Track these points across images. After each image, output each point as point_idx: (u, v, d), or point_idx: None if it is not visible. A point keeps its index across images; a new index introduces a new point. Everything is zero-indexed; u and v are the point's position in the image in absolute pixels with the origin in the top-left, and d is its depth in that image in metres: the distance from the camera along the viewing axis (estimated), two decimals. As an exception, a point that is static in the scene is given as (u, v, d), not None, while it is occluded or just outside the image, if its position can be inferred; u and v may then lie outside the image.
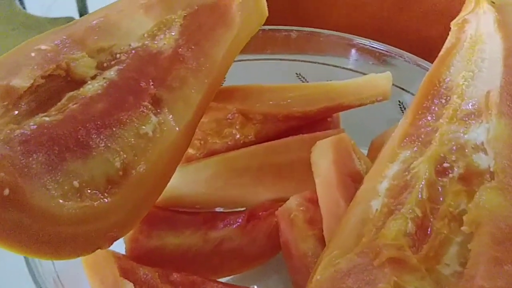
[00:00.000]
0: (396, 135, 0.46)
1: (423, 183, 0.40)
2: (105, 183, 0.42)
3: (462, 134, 0.44)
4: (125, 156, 0.44)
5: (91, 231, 0.40)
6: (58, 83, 0.47)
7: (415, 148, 0.44)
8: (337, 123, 0.62)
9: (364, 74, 0.62)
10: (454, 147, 0.43)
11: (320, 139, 0.55)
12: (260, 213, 0.55)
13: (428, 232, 0.37)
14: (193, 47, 0.54)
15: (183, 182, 0.54)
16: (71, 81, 0.47)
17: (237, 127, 0.59)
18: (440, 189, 0.40)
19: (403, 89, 0.62)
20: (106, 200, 0.42)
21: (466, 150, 0.42)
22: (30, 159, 0.38)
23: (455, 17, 0.53)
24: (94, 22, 0.50)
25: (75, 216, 0.39)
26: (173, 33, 0.53)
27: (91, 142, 0.43)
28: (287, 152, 0.56)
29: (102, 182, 0.42)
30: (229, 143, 0.59)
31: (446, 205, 0.38)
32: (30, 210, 0.36)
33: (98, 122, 0.44)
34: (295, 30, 0.65)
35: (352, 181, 0.50)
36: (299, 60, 0.66)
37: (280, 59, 0.66)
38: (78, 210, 0.39)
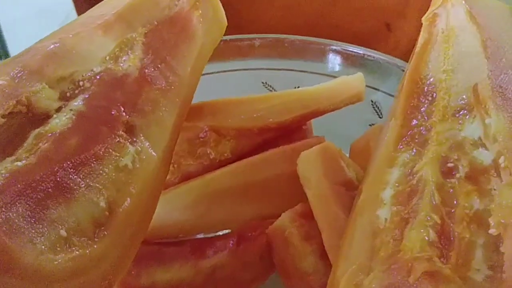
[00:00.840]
0: (390, 138, 0.45)
1: (432, 187, 0.38)
2: (93, 227, 0.38)
3: (458, 131, 0.43)
4: (108, 193, 0.40)
5: (87, 282, 0.36)
6: (19, 120, 0.42)
7: (413, 150, 0.43)
8: (311, 130, 0.60)
9: (333, 77, 0.60)
10: (453, 146, 0.42)
11: (301, 150, 0.53)
12: (249, 234, 0.52)
13: (452, 238, 0.35)
14: (159, 65, 0.50)
15: (164, 212, 0.50)
16: (32, 116, 0.43)
17: (211, 145, 0.56)
18: (451, 191, 0.38)
19: (374, 88, 0.61)
20: (96, 246, 0.38)
21: (466, 147, 0.41)
22: (10, 213, 0.33)
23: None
24: (49, 48, 0.45)
25: (68, 270, 0.35)
26: (136, 53, 0.49)
27: (71, 184, 0.38)
28: (270, 166, 0.54)
29: (89, 227, 0.38)
30: (204, 163, 0.56)
31: (461, 207, 0.37)
32: (23, 272, 0.31)
33: (75, 160, 0.39)
34: (258, 38, 0.62)
35: (345, 190, 0.48)
36: (264, 69, 0.64)
37: (244, 69, 0.63)
38: (70, 263, 0.35)
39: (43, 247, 0.34)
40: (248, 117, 0.56)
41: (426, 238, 0.35)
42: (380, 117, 0.62)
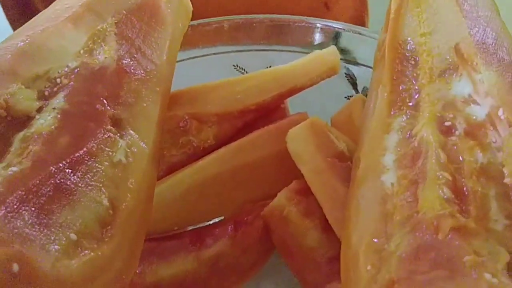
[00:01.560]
0: (381, 105, 0.45)
1: (436, 146, 0.39)
2: (99, 228, 0.36)
3: (447, 91, 0.43)
4: (108, 191, 0.38)
5: (104, 284, 0.34)
6: (-1, 125, 0.39)
7: (408, 114, 0.43)
8: (288, 108, 0.60)
9: (305, 53, 0.60)
10: (446, 105, 0.42)
11: (286, 128, 0.53)
12: (245, 219, 0.51)
13: (466, 193, 0.36)
14: (135, 55, 0.48)
15: (157, 206, 0.48)
16: (12, 120, 0.40)
17: (193, 133, 0.54)
18: (454, 148, 0.39)
19: (346, 60, 0.61)
20: (106, 247, 0.36)
21: (458, 105, 0.42)
22: (18, 221, 0.31)
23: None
24: (19, 46, 0.43)
25: (84, 274, 0.33)
26: (110, 44, 0.47)
27: (71, 184, 0.36)
28: (256, 148, 0.53)
29: (96, 227, 0.36)
30: (188, 152, 0.54)
31: (467, 162, 0.38)
32: (44, 282, 0.29)
33: (70, 160, 0.37)
34: (226, 20, 0.61)
35: (339, 162, 0.48)
36: (234, 51, 0.62)
37: (214, 54, 0.62)
38: (85, 267, 0.33)
39: (57, 253, 0.31)
40: (227, 101, 0.55)
41: (443, 196, 0.35)
42: (355, 89, 0.62)
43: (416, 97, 0.44)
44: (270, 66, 0.63)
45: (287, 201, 0.48)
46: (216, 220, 0.53)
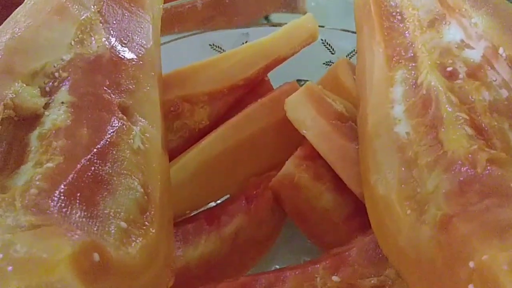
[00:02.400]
0: (379, 62, 0.46)
1: (443, 90, 0.41)
2: (140, 214, 0.35)
3: (440, 39, 0.45)
4: (138, 178, 0.37)
5: (157, 270, 0.34)
6: (7, 127, 0.37)
7: (408, 66, 0.45)
8: (269, 81, 0.60)
9: (278, 25, 0.60)
10: (442, 52, 0.44)
11: (279, 98, 0.53)
12: (254, 192, 0.51)
13: (486, 129, 0.38)
14: (125, 42, 0.47)
15: (168, 192, 0.48)
16: (19, 120, 0.38)
17: (186, 116, 0.53)
18: (462, 90, 0.41)
19: (320, 26, 0.62)
20: (151, 232, 0.35)
21: (454, 51, 0.44)
22: (73, 215, 0.30)
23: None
24: (8, 44, 0.41)
25: (142, 260, 0.32)
26: (100, 33, 0.45)
27: (105, 175, 0.35)
28: (254, 121, 0.53)
29: (138, 214, 0.35)
30: (184, 136, 0.54)
31: (478, 101, 0.40)
32: (117, 270, 0.28)
33: (97, 151, 0.36)
34: (199, 0, 0.60)
35: (341, 123, 0.49)
36: (209, 30, 0.62)
37: (190, 35, 0.61)
38: (141, 253, 0.32)
39: (116, 242, 0.31)
40: (216, 79, 0.54)
41: (466, 134, 0.37)
42: (332, 53, 0.63)
43: (411, 49, 0.46)
44: (246, 42, 0.63)
45: (296, 168, 0.49)
46: (223, 199, 0.54)
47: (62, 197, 0.30)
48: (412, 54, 0.45)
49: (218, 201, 0.53)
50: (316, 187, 0.49)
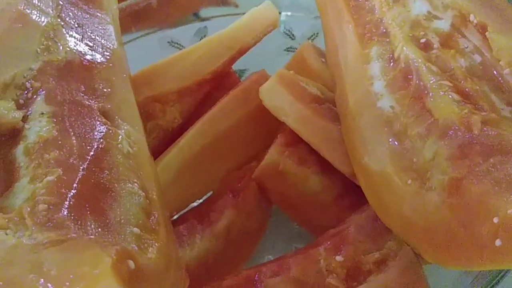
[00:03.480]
0: (352, 41, 0.46)
1: (422, 61, 0.42)
2: (146, 218, 0.34)
3: (408, 13, 0.46)
4: (136, 182, 0.36)
5: (175, 272, 0.32)
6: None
7: (382, 42, 0.45)
8: (234, 72, 0.60)
9: (236, 14, 0.60)
10: (413, 25, 0.45)
11: (250, 88, 0.53)
12: (239, 185, 0.50)
13: (471, 93, 0.39)
14: (91, 45, 0.45)
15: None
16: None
17: (158, 116, 0.52)
18: (440, 59, 0.42)
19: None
20: (161, 235, 0.34)
21: (423, 23, 0.45)
22: (88, 226, 0.28)
23: None
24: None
25: (161, 264, 0.31)
26: (64, 38, 0.43)
27: (106, 182, 0.33)
28: (229, 114, 0.52)
29: (144, 218, 0.34)
30: (159, 136, 0.52)
31: (457, 68, 0.41)
32: (148, 276, 0.27)
33: (91, 159, 0.34)
34: None
35: (319, 105, 0.49)
36: (166, 28, 0.60)
37: (147, 33, 0.59)
38: (159, 257, 0.31)
39: (136, 249, 0.29)
40: (184, 76, 0.53)
41: (454, 100, 0.38)
42: (292, 39, 0.63)
43: (381, 25, 0.46)
44: (204, 36, 0.62)
45: (280, 155, 0.49)
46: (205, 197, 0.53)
47: (73, 210, 0.29)
48: (383, 30, 0.46)
49: (201, 200, 0.52)
50: (302, 172, 0.49)
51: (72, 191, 0.30)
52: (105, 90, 0.42)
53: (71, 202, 0.29)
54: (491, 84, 0.40)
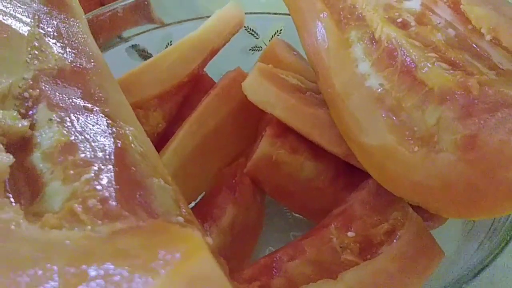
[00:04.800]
0: (330, 28, 0.48)
1: (404, 38, 0.44)
2: (180, 210, 0.34)
3: (377, -4, 0.49)
4: (158, 178, 0.35)
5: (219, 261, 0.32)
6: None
7: (358, 26, 0.47)
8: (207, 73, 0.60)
9: (200, 19, 0.60)
10: (386, 8, 0.47)
11: (229, 86, 0.54)
12: (233, 181, 0.51)
13: (457, 62, 0.42)
14: (76, 52, 0.44)
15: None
16: (10, 146, 0.34)
17: (142, 122, 0.51)
18: (420, 35, 0.45)
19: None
20: (196, 224, 0.34)
21: (394, 5, 0.48)
22: (145, 218, 0.28)
23: None
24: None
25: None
26: (50, 46, 0.42)
27: (138, 177, 0.33)
28: (214, 113, 0.52)
29: (180, 210, 0.34)
30: (145, 143, 0.51)
31: (437, 41, 0.44)
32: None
33: (116, 158, 0.33)
34: (119, 5, 0.57)
35: (302, 94, 0.51)
36: (134, 35, 0.59)
37: (115, 43, 0.58)
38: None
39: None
40: (162, 81, 0.53)
41: (444, 68, 0.41)
42: (257, 38, 0.65)
43: (356, 11, 0.49)
44: (171, 41, 0.62)
45: (272, 147, 0.49)
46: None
47: (123, 203, 0.28)
48: (359, 15, 0.48)
49: (196, 201, 0.52)
50: (296, 160, 0.50)
51: (114, 186, 0.29)
52: (100, 94, 0.41)
53: (118, 196, 0.28)
54: (470, 53, 0.43)
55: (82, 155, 0.32)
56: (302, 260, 0.43)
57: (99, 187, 0.28)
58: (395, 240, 0.42)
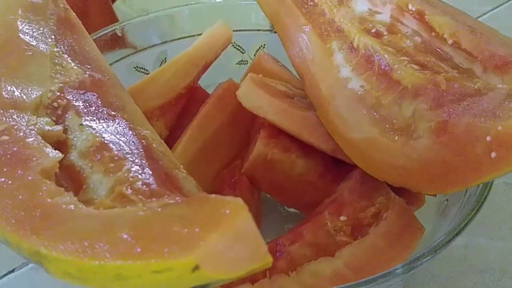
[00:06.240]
0: (313, 40, 0.55)
1: (379, 45, 0.51)
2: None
3: (353, 12, 0.55)
4: (182, 171, 0.41)
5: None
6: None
7: (338, 37, 0.54)
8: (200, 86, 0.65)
9: (192, 36, 0.66)
10: (359, 21, 0.54)
11: (224, 96, 0.59)
12: (232, 180, 0.56)
13: (425, 63, 0.48)
14: (90, 66, 0.49)
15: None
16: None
17: (147, 131, 0.56)
18: (392, 42, 0.51)
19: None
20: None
21: (368, 18, 0.55)
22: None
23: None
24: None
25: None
26: (68, 62, 0.47)
27: (165, 169, 0.38)
28: (212, 120, 0.58)
29: None
30: (150, 149, 0.56)
31: (407, 47, 0.50)
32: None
33: (146, 155, 0.38)
34: (118, 26, 0.62)
35: (291, 99, 0.57)
36: (131, 54, 0.64)
37: (115, 61, 0.63)
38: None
39: None
40: (162, 93, 0.58)
41: (415, 69, 0.48)
42: (242, 53, 0.71)
43: (334, 24, 0.55)
44: (165, 58, 0.67)
45: (266, 147, 0.55)
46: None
47: (164, 186, 0.33)
48: (338, 28, 0.55)
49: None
50: (289, 158, 0.55)
51: (152, 174, 0.34)
52: (118, 103, 0.46)
53: (158, 181, 0.33)
54: (435, 56, 0.50)
55: (116, 151, 0.37)
56: (302, 243, 0.48)
57: (140, 174, 0.34)
58: (381, 221, 0.48)
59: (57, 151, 0.35)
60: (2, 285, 0.55)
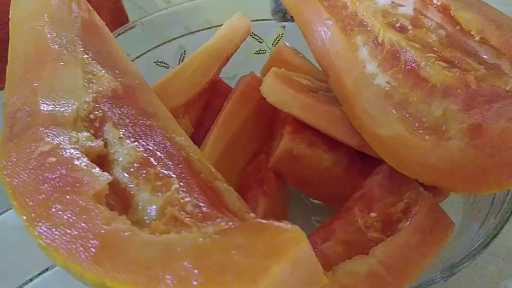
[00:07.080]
0: (337, 34, 0.55)
1: (405, 41, 0.51)
2: (246, 208, 0.40)
3: (375, 5, 0.55)
4: (221, 181, 0.42)
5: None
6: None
7: (363, 31, 0.54)
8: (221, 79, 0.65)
9: (211, 28, 0.66)
10: (383, 14, 0.54)
11: (246, 91, 0.59)
12: (259, 176, 0.57)
13: (453, 60, 0.48)
14: (120, 72, 0.49)
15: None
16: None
17: (174, 129, 0.57)
18: (417, 37, 0.51)
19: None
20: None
21: (390, 11, 0.55)
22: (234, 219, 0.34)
23: None
24: (36, 101, 0.41)
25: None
26: (99, 70, 0.47)
27: (207, 182, 0.39)
28: (236, 116, 0.58)
29: (246, 209, 0.39)
30: (177, 147, 0.57)
31: (433, 42, 0.50)
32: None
33: (186, 168, 0.39)
34: (138, 22, 0.62)
35: (315, 93, 0.57)
36: (151, 49, 0.64)
37: (136, 58, 0.63)
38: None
39: None
40: (185, 89, 0.58)
41: (443, 67, 0.48)
42: (260, 42, 0.70)
43: (357, 18, 0.55)
44: (184, 51, 0.67)
45: (292, 142, 0.56)
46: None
47: (212, 206, 0.34)
48: (361, 22, 0.55)
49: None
50: (315, 152, 0.56)
51: (199, 192, 0.35)
52: (150, 110, 0.46)
53: (207, 201, 0.34)
54: (460, 50, 0.50)
55: (160, 168, 0.37)
56: (334, 241, 0.50)
57: (187, 195, 0.34)
58: (412, 217, 0.49)
59: (105, 173, 0.36)
60: (37, 284, 0.56)
